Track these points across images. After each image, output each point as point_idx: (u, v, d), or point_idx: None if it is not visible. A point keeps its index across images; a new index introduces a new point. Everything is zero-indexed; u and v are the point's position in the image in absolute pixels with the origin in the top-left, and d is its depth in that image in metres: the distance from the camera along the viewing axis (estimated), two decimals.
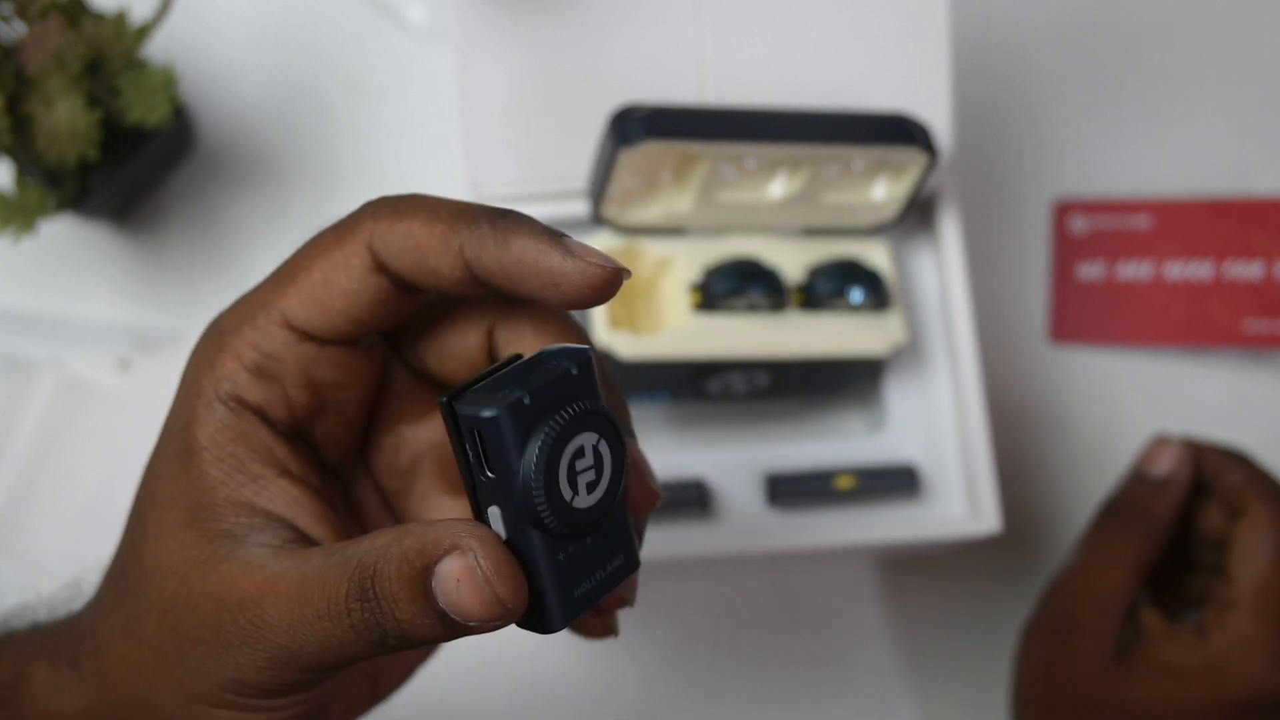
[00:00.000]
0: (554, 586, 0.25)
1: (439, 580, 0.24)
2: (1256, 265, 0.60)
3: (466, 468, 0.25)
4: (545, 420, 0.24)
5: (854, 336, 0.49)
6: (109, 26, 0.48)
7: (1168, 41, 0.65)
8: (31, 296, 0.57)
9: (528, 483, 0.24)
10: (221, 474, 0.27)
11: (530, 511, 0.24)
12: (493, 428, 0.24)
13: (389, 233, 0.27)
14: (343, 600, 0.24)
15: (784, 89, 0.50)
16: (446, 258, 0.26)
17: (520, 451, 0.24)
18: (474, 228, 0.26)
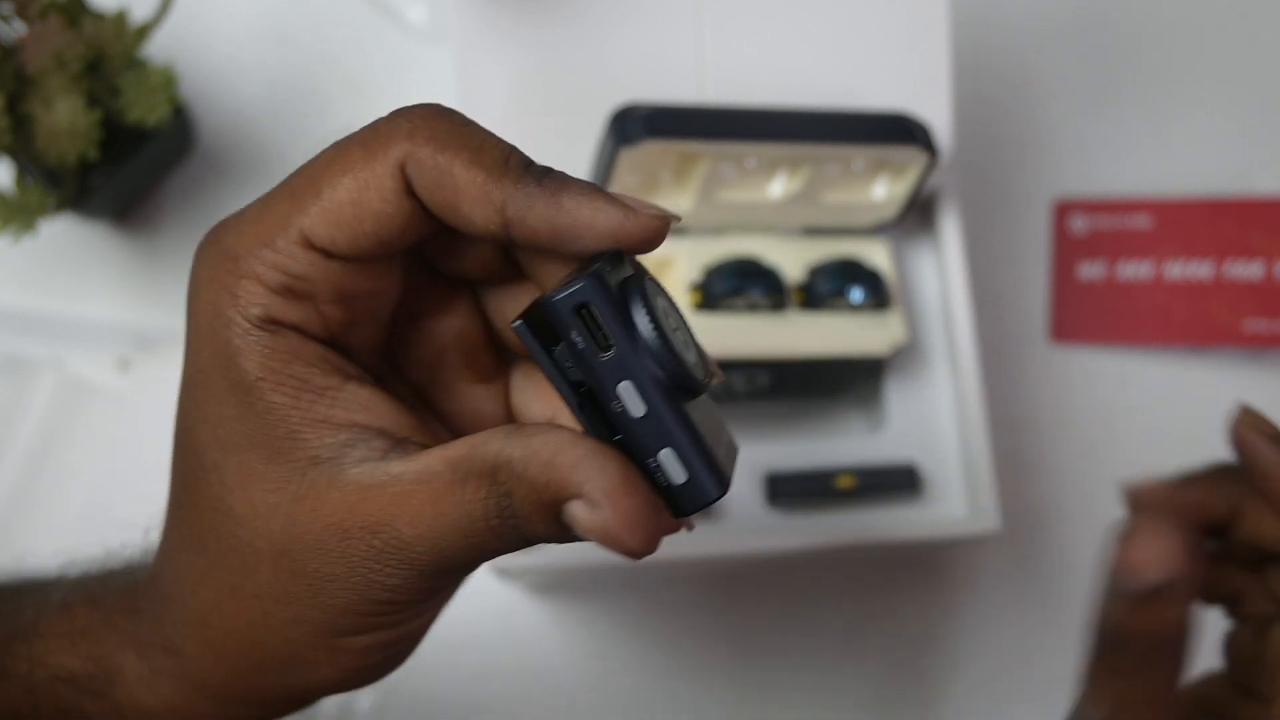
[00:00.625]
0: (704, 448, 0.24)
1: (570, 520, 0.24)
2: (1257, 265, 0.60)
3: (575, 361, 0.24)
4: (630, 285, 0.24)
5: (854, 336, 0.49)
6: (109, 26, 0.48)
7: (1168, 41, 0.65)
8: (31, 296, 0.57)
9: (653, 338, 0.24)
10: (288, 399, 0.25)
11: (667, 366, 0.24)
12: (597, 295, 0.24)
13: (427, 163, 0.25)
14: (482, 518, 0.24)
15: (784, 88, 0.50)
16: (483, 210, 0.25)
17: (627, 316, 0.24)
18: (520, 185, 0.25)
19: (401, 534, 0.24)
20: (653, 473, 0.24)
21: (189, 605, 0.27)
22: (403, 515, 0.24)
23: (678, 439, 0.24)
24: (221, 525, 0.26)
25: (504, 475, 0.24)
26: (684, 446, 0.24)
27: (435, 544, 0.24)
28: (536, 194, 0.25)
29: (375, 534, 0.24)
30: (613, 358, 0.24)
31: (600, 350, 0.24)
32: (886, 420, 0.52)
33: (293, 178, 0.26)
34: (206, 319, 0.26)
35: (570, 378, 0.25)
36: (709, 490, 0.24)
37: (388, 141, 0.25)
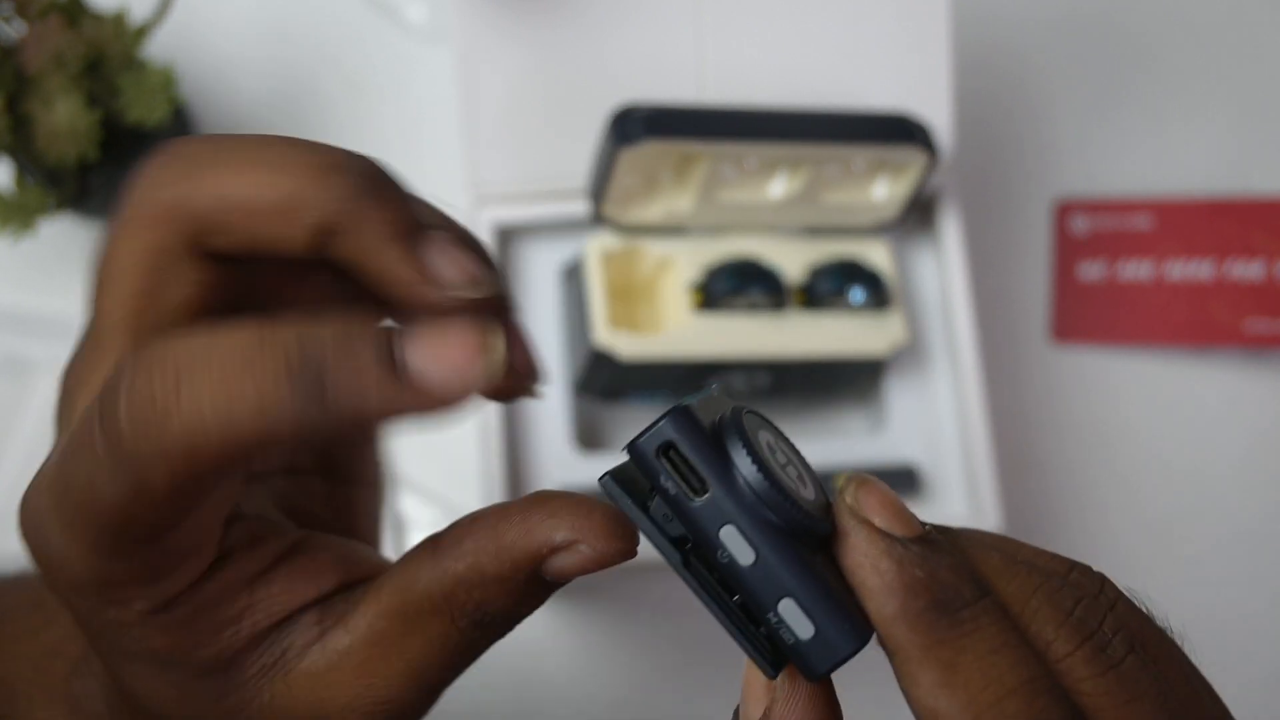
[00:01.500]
0: (828, 596, 0.21)
1: (556, 573, 0.23)
2: (1257, 265, 0.60)
3: (673, 512, 0.21)
4: (726, 419, 0.22)
5: (854, 336, 0.49)
6: (108, 26, 0.48)
7: (1169, 41, 0.65)
8: (31, 296, 0.57)
9: (754, 475, 0.21)
10: (212, 650, 0.23)
11: (774, 504, 0.21)
12: (683, 431, 0.21)
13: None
14: (460, 640, 0.23)
15: (784, 88, 0.50)
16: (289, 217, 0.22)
17: (723, 452, 0.21)
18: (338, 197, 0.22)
19: (382, 694, 0.24)
20: (776, 631, 0.21)
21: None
22: (376, 679, 0.23)
23: (797, 586, 0.21)
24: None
25: (462, 594, 0.23)
26: (806, 594, 0.21)
27: (419, 685, 0.24)
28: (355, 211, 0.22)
29: (357, 705, 0.24)
30: (709, 500, 0.21)
31: (694, 494, 0.21)
32: (887, 420, 0.52)
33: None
34: (91, 634, 0.24)
35: (671, 534, 0.22)
36: (842, 643, 0.21)
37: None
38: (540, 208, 0.50)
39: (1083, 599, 0.22)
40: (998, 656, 0.20)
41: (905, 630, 0.21)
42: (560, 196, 0.50)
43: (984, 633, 0.21)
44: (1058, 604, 0.21)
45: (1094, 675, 0.21)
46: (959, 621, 0.21)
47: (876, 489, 0.22)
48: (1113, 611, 0.22)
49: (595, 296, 0.48)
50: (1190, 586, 0.58)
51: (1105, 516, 0.59)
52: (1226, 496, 0.60)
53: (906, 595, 0.21)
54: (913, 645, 0.21)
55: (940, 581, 0.21)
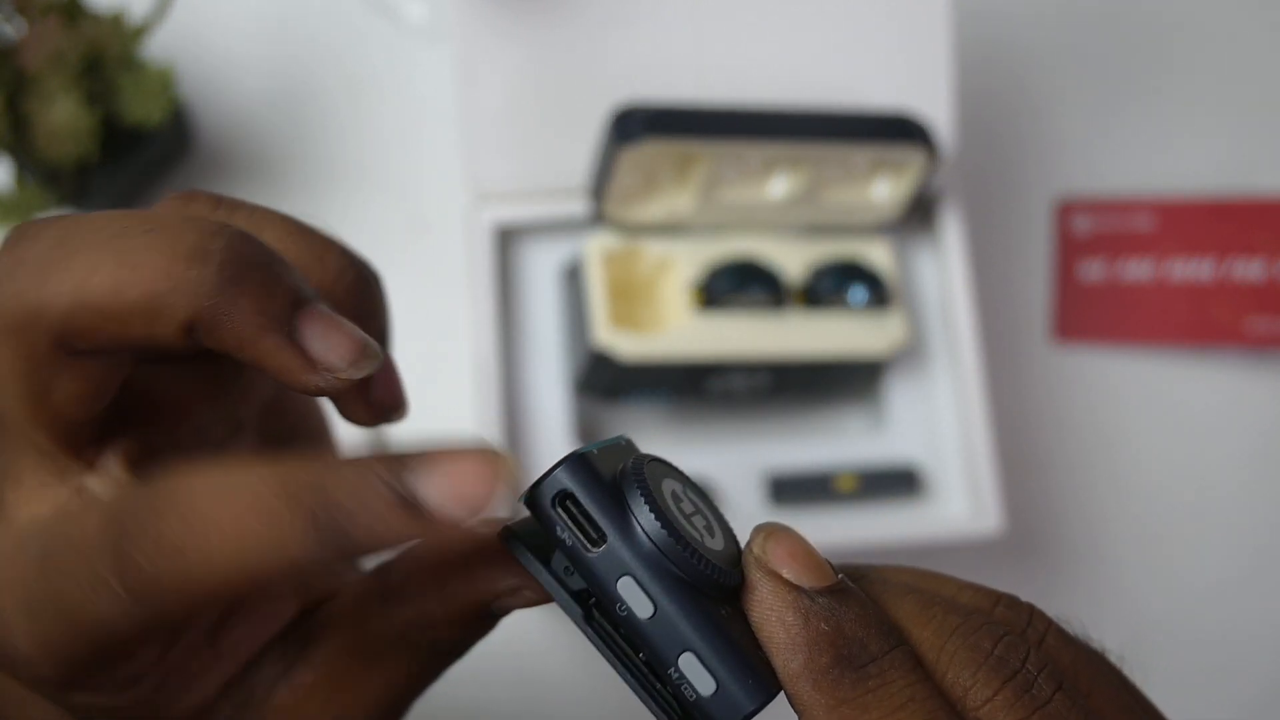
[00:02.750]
0: (730, 650, 0.20)
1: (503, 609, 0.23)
2: (1258, 264, 0.60)
3: (572, 563, 0.21)
4: (622, 467, 0.21)
5: (855, 336, 0.49)
6: (107, 26, 0.48)
7: (1170, 41, 0.65)
8: None
9: (652, 524, 0.20)
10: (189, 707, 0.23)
11: (675, 554, 0.20)
12: (581, 477, 0.20)
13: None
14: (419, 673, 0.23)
15: (784, 87, 0.50)
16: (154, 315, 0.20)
17: (621, 501, 0.20)
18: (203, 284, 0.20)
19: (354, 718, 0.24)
20: (678, 687, 0.20)
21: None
22: (344, 712, 0.23)
23: (698, 639, 0.20)
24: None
25: (416, 634, 0.23)
26: (706, 648, 0.20)
27: (386, 709, 0.24)
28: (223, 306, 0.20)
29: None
30: (606, 551, 0.20)
31: (591, 545, 0.20)
32: (887, 420, 0.52)
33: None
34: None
35: (572, 587, 0.21)
36: (744, 700, 0.20)
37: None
38: (540, 207, 0.50)
39: (1004, 637, 0.21)
40: (904, 712, 0.20)
41: (809, 688, 0.20)
42: (560, 196, 0.50)
43: (889, 688, 0.20)
44: (976, 645, 0.20)
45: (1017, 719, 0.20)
46: (864, 677, 0.20)
47: (786, 538, 0.21)
48: (1039, 647, 0.21)
49: (595, 296, 0.47)
50: (1189, 585, 0.58)
51: (1105, 516, 0.59)
52: (1227, 496, 0.59)
53: (811, 651, 0.20)
54: (817, 705, 0.20)
55: (846, 635, 0.20)
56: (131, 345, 0.20)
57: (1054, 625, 0.22)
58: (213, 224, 0.20)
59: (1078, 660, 0.21)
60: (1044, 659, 0.21)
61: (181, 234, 0.20)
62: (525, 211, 0.50)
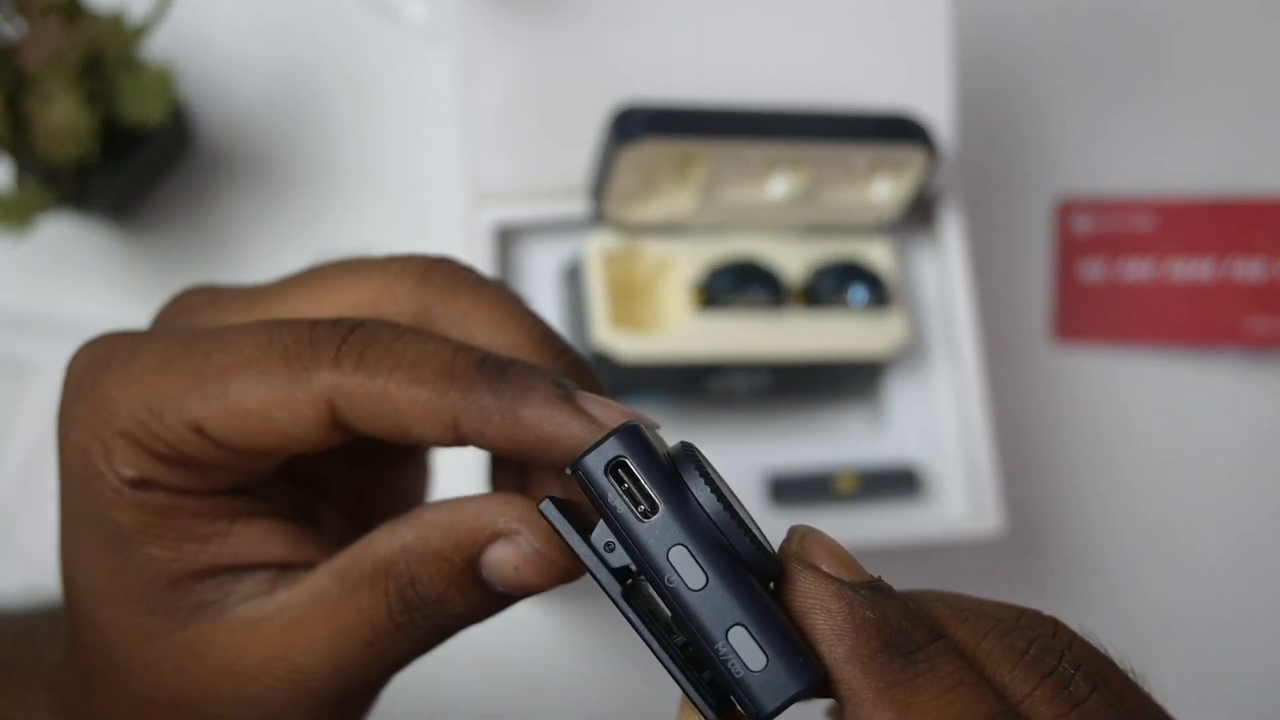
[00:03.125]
0: (780, 626, 0.20)
1: (493, 569, 0.22)
2: (1258, 264, 0.60)
3: (616, 537, 0.20)
4: (671, 448, 0.21)
5: (855, 336, 0.49)
6: (107, 26, 0.48)
7: (1170, 41, 0.65)
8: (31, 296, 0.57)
9: (711, 495, 0.20)
10: (167, 551, 0.23)
11: (731, 530, 0.20)
12: (636, 446, 0.20)
13: (358, 395, 0.22)
14: (387, 618, 0.22)
15: (784, 87, 0.50)
16: (433, 428, 0.23)
17: (675, 475, 0.20)
18: (470, 396, 0.22)
19: (298, 663, 0.23)
20: (724, 663, 0.20)
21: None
22: (296, 643, 0.23)
23: (750, 613, 0.20)
24: (110, 673, 0.24)
25: (401, 564, 0.23)
26: (759, 622, 0.20)
27: (336, 666, 0.23)
28: (492, 407, 0.22)
29: (269, 670, 0.23)
30: (659, 520, 0.20)
31: (644, 516, 0.20)
32: (887, 421, 0.52)
33: (200, 344, 0.23)
34: (77, 464, 0.23)
35: (612, 564, 0.21)
36: (792, 679, 0.20)
37: (312, 367, 0.23)
38: (540, 207, 0.50)
39: (1036, 639, 0.21)
40: (955, 694, 0.20)
41: (858, 672, 0.20)
42: (560, 196, 0.50)
43: (939, 672, 0.20)
44: (1011, 645, 0.21)
45: (1058, 715, 0.20)
46: (913, 662, 0.20)
47: (824, 539, 0.22)
48: (1070, 650, 0.21)
49: (595, 296, 0.47)
50: (1190, 585, 0.58)
51: (1106, 515, 0.59)
52: (1227, 495, 0.59)
53: (858, 637, 0.20)
54: (866, 688, 0.20)
55: (891, 624, 0.20)
56: (399, 438, 0.23)
57: (1078, 636, 0.22)
58: (451, 345, 0.23)
59: (1105, 667, 0.21)
60: (1077, 659, 0.21)
61: (429, 359, 0.23)
62: (525, 211, 0.50)
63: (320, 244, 0.57)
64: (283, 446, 0.23)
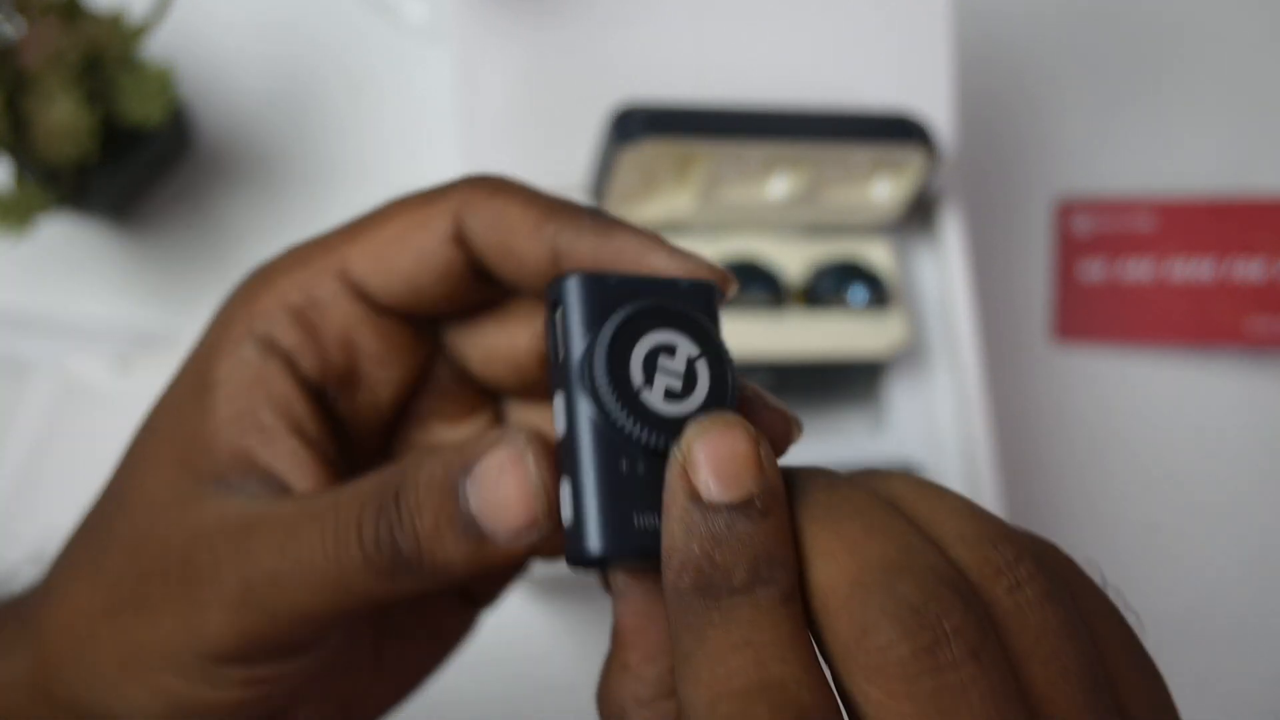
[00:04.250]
0: (603, 495, 0.21)
1: (476, 477, 0.22)
2: (1258, 264, 0.60)
3: (551, 362, 0.23)
4: (628, 302, 0.22)
5: (854, 336, 0.49)
6: (106, 26, 0.48)
7: (1171, 40, 0.65)
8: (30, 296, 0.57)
9: (589, 351, 0.21)
10: (230, 414, 0.25)
11: (586, 381, 0.21)
12: (568, 293, 0.22)
13: (482, 205, 0.25)
14: (354, 518, 0.22)
15: (784, 87, 0.50)
16: (536, 244, 0.24)
17: (591, 327, 0.22)
18: (572, 218, 0.25)
19: (249, 542, 0.23)
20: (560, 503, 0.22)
21: (54, 581, 0.26)
22: (259, 525, 0.23)
23: (579, 474, 0.21)
24: (109, 506, 0.26)
25: (396, 477, 0.23)
26: (582, 484, 0.21)
27: (284, 553, 0.23)
28: (588, 226, 0.24)
29: (223, 539, 0.23)
30: (561, 365, 0.22)
31: (555, 355, 0.22)
32: (887, 420, 0.52)
33: (357, 217, 0.27)
34: (219, 319, 0.26)
35: (555, 357, 0.23)
36: (583, 545, 0.21)
37: (447, 190, 0.26)
38: None
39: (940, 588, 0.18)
40: (736, 657, 0.19)
41: (670, 603, 0.20)
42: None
43: (731, 627, 0.19)
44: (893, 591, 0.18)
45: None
46: (711, 608, 0.19)
47: (718, 438, 0.20)
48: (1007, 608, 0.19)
49: None
50: (1190, 585, 0.58)
51: (1106, 515, 0.59)
52: (1227, 495, 0.59)
53: (679, 570, 0.19)
54: (673, 619, 0.20)
55: (715, 563, 0.19)
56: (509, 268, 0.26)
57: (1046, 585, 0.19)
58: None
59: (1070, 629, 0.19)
60: (978, 626, 0.18)
61: (542, 194, 0.26)
62: None
63: None
64: (416, 272, 0.25)
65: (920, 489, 0.21)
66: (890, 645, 0.18)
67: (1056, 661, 0.19)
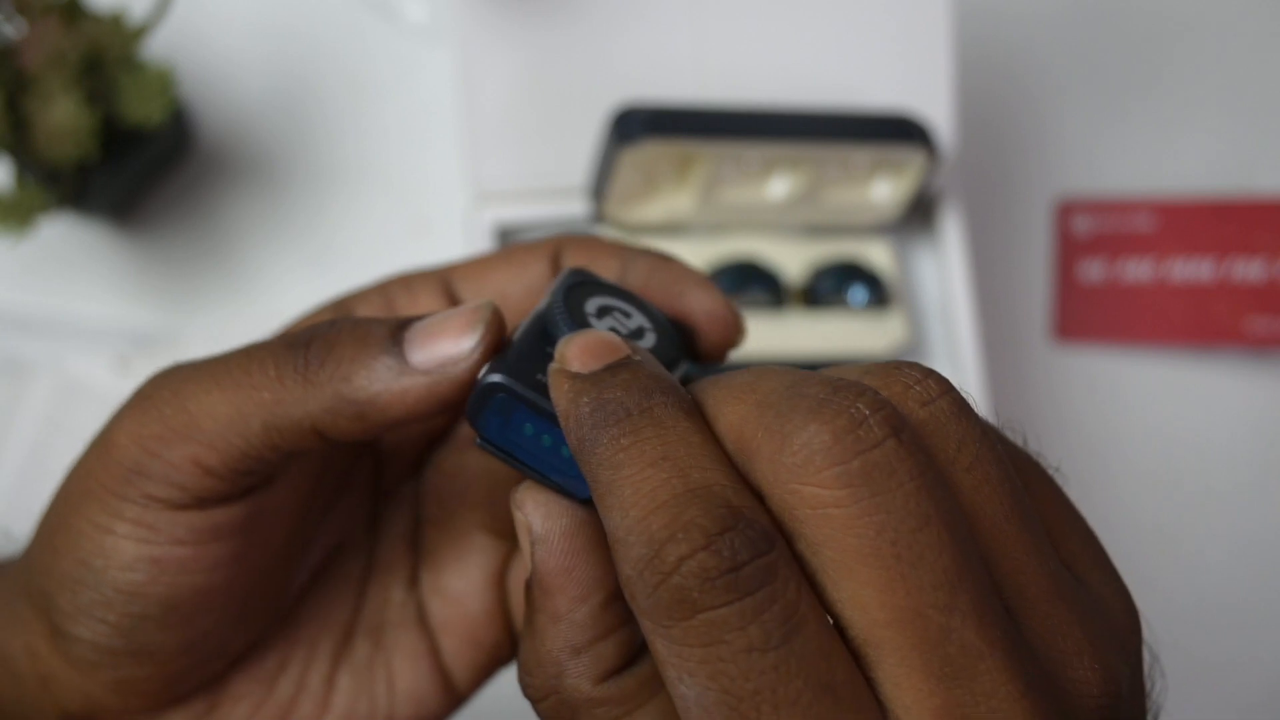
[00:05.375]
0: (517, 352, 0.23)
1: (417, 326, 0.23)
2: (1258, 264, 0.60)
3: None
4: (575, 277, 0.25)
5: (855, 336, 0.49)
6: (107, 26, 0.48)
7: (1172, 41, 0.65)
8: (31, 296, 0.57)
9: (552, 300, 0.24)
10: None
11: (543, 303, 0.24)
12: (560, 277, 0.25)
13: (576, 245, 0.28)
14: (281, 344, 0.23)
15: (784, 88, 0.50)
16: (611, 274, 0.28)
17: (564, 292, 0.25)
18: (640, 253, 0.28)
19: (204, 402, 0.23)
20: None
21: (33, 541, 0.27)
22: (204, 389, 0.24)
23: (507, 349, 0.23)
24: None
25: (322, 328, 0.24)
26: (505, 352, 0.23)
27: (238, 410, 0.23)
28: (646, 259, 0.28)
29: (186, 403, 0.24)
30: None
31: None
32: None
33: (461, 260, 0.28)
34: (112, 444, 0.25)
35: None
36: (484, 375, 0.22)
37: (549, 239, 0.28)
38: (540, 207, 0.50)
39: (847, 387, 0.19)
40: (653, 471, 0.18)
41: (581, 459, 0.20)
42: (560, 196, 0.50)
43: (642, 446, 0.19)
44: (800, 393, 0.19)
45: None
46: (617, 435, 0.19)
47: (579, 338, 0.21)
48: (911, 410, 0.19)
49: None
50: (1190, 585, 0.58)
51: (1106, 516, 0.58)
52: (1227, 496, 0.59)
53: (576, 424, 0.20)
54: (587, 472, 0.19)
55: (605, 399, 0.19)
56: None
57: (959, 401, 0.20)
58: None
59: (986, 449, 0.19)
60: (894, 412, 0.18)
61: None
62: (525, 211, 0.50)
63: (320, 244, 0.57)
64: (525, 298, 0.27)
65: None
66: (811, 438, 0.18)
67: (980, 469, 0.19)
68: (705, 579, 0.17)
